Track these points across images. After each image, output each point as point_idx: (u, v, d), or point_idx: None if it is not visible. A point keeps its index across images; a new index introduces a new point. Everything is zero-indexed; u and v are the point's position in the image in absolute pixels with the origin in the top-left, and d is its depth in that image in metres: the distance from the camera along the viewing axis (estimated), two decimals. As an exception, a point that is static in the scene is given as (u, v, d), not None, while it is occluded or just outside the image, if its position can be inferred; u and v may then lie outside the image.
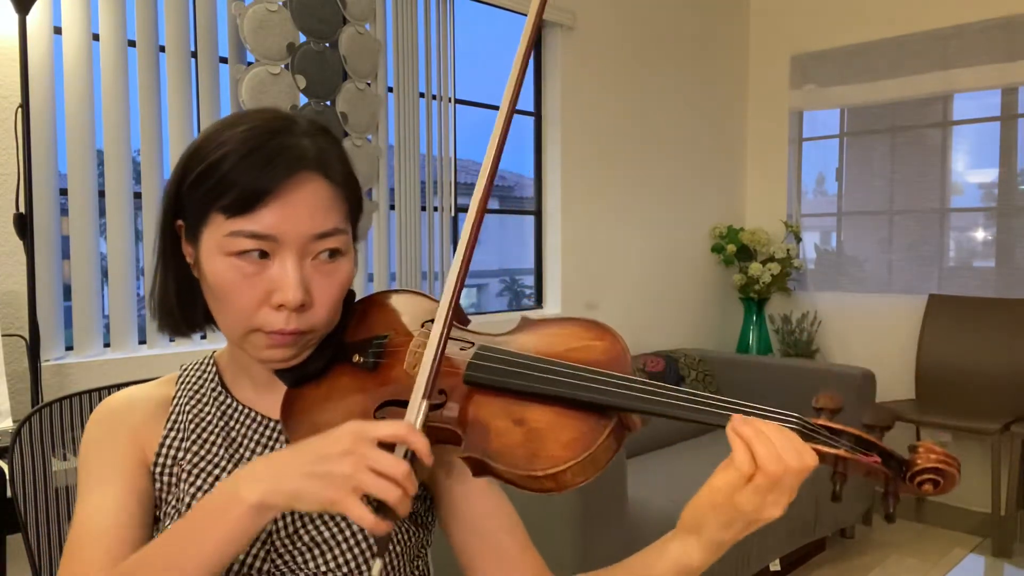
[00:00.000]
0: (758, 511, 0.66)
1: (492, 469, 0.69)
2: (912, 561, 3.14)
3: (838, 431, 0.67)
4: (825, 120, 4.17)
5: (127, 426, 0.84)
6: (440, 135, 2.94)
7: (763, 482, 0.64)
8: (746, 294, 4.09)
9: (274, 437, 0.85)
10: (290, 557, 0.79)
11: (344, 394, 0.80)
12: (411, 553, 0.85)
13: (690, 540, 0.70)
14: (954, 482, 0.65)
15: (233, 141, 0.74)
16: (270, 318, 0.75)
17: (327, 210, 0.76)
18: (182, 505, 0.80)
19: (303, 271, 0.75)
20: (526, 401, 0.72)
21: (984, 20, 3.57)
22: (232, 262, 0.74)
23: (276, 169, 0.73)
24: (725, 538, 0.68)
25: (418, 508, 0.87)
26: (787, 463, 0.64)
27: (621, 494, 2.21)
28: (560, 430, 0.69)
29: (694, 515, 0.69)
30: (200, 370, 0.90)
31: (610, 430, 0.68)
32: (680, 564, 0.70)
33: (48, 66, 2.03)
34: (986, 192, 3.70)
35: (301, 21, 2.44)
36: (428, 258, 2.91)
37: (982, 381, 3.46)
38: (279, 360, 0.79)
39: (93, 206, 2.15)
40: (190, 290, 0.82)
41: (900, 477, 0.66)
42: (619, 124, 3.66)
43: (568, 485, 0.68)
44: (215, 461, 0.83)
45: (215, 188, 0.73)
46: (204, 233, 0.76)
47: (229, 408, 0.86)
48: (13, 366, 1.97)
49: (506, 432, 0.70)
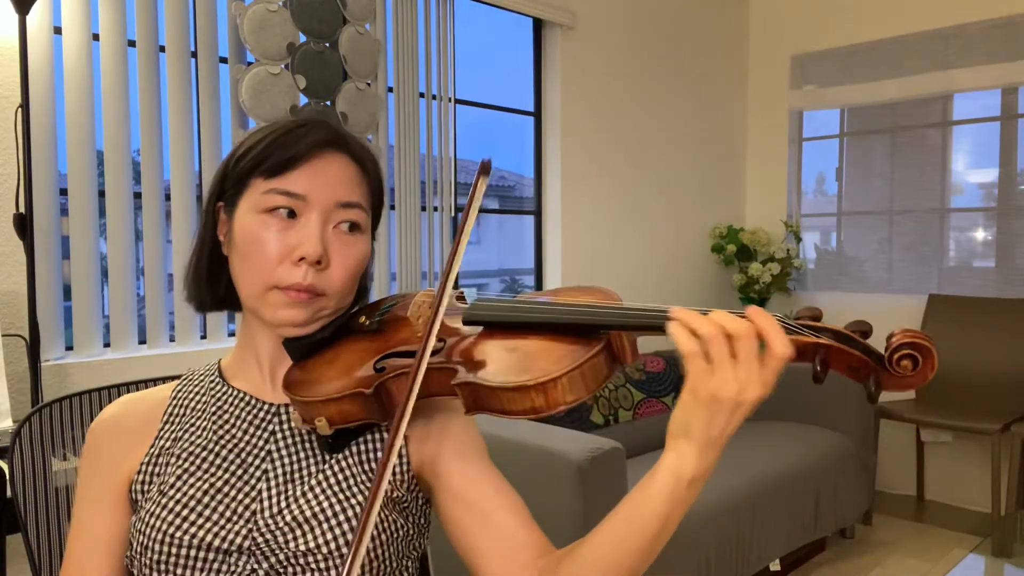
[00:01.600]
0: (737, 393, 0.66)
1: (484, 391, 0.72)
2: (912, 561, 3.14)
3: (818, 328, 0.69)
4: (825, 120, 4.17)
5: (116, 445, 0.90)
6: (440, 135, 2.94)
7: (716, 351, 0.66)
8: (746, 294, 4.09)
9: (266, 418, 0.88)
10: (271, 536, 0.79)
11: (349, 355, 0.85)
12: (399, 549, 0.84)
13: (681, 445, 0.69)
14: (932, 359, 0.66)
15: (274, 127, 0.86)
16: (290, 272, 0.82)
17: (352, 184, 0.86)
18: (166, 486, 0.83)
19: (325, 233, 0.83)
20: (519, 334, 0.77)
21: (984, 20, 3.57)
22: (263, 218, 0.83)
23: (310, 141, 0.84)
24: (713, 433, 0.68)
25: (408, 502, 0.87)
26: (723, 325, 0.66)
27: (621, 494, 2.21)
28: (551, 351, 0.73)
29: (679, 419, 0.70)
30: (203, 371, 0.96)
31: (598, 350, 0.71)
32: (676, 472, 0.69)
33: (48, 66, 2.03)
34: (986, 192, 3.70)
35: (301, 21, 2.44)
36: (428, 258, 2.91)
37: (982, 381, 3.46)
38: (291, 322, 0.84)
39: (93, 206, 2.15)
40: (218, 267, 0.90)
41: (880, 365, 0.68)
42: (619, 124, 3.66)
43: (557, 403, 0.70)
44: (202, 444, 0.86)
45: (256, 157, 0.84)
46: (242, 199, 0.85)
47: (223, 394, 0.91)
48: (13, 366, 1.97)
49: (500, 359, 0.74)
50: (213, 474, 0.83)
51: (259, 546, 0.79)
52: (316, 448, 0.86)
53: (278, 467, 0.84)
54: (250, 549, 0.79)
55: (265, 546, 0.79)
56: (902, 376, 0.68)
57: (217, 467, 0.84)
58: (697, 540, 2.44)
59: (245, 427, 0.87)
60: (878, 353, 0.69)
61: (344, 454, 0.85)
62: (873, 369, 0.69)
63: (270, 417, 0.88)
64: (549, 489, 2.10)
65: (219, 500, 0.81)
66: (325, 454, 0.85)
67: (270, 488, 0.82)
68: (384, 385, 0.79)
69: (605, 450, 2.14)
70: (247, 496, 0.82)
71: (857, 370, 0.69)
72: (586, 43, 3.47)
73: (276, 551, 0.79)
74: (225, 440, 0.86)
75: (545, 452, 2.13)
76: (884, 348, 0.69)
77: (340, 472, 0.84)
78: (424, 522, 0.90)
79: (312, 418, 0.80)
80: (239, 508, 0.81)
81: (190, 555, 0.79)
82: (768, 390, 0.67)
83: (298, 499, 0.81)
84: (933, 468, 3.81)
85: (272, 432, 0.87)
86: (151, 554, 0.79)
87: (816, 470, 2.98)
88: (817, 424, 3.30)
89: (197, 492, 0.82)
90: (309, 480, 0.83)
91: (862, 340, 0.69)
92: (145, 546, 0.80)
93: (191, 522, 0.80)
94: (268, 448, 0.85)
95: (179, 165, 2.30)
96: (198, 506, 0.81)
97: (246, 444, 0.86)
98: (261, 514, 0.80)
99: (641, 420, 3.15)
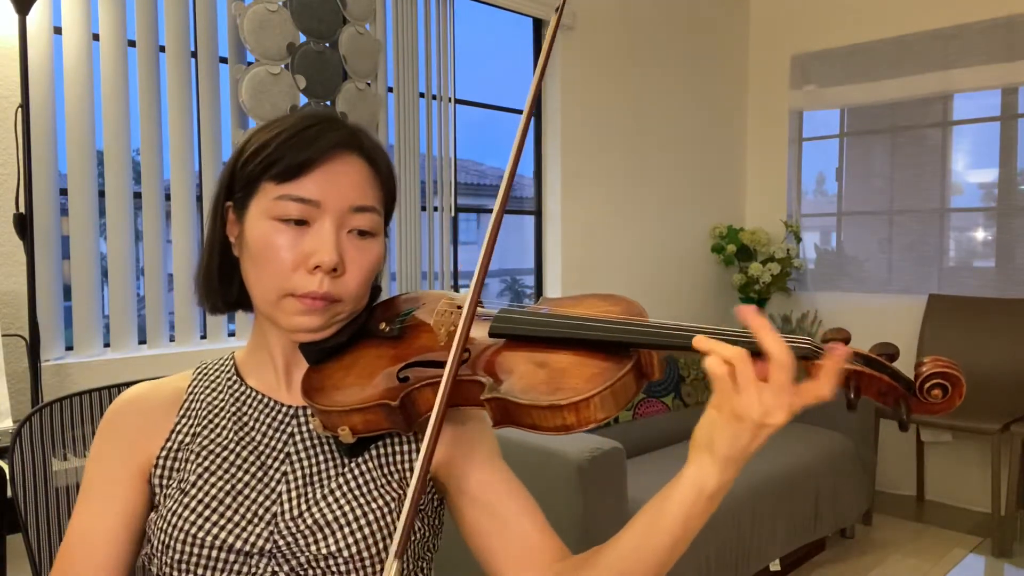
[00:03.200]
0: (763, 416, 0.66)
1: (515, 407, 0.71)
2: (912, 561, 3.14)
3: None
4: (825, 120, 4.17)
5: (134, 426, 0.88)
6: (440, 135, 2.94)
7: (743, 375, 0.65)
8: (746, 294, 4.09)
9: (286, 421, 0.87)
10: (292, 539, 0.79)
11: (368, 360, 0.84)
12: (415, 552, 0.85)
13: (704, 459, 0.70)
14: (961, 388, 0.66)
15: (285, 125, 0.83)
16: (304, 280, 0.80)
17: (365, 187, 0.84)
18: (187, 484, 0.83)
19: (339, 239, 0.82)
20: (547, 348, 0.76)
21: (984, 20, 3.57)
22: (276, 225, 0.81)
23: (323, 143, 0.82)
24: (735, 452, 0.68)
25: (425, 504, 0.87)
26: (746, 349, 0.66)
27: (621, 494, 2.21)
28: (582, 368, 0.72)
29: (703, 433, 0.70)
30: (218, 365, 0.95)
31: (629, 368, 0.71)
32: (697, 485, 0.70)
33: (48, 66, 2.03)
34: (986, 192, 3.70)
35: (301, 21, 2.44)
36: (428, 258, 2.91)
37: (982, 381, 3.46)
38: (307, 329, 0.82)
39: (93, 206, 2.15)
40: (230, 268, 0.88)
41: (910, 392, 0.68)
42: (619, 124, 3.66)
43: (588, 420, 0.70)
44: (223, 443, 0.86)
45: (267, 159, 0.81)
46: (252, 203, 0.83)
47: (242, 395, 0.90)
48: (13, 366, 1.97)
49: (529, 374, 0.74)
50: (234, 475, 0.83)
51: (280, 548, 0.79)
52: (335, 451, 0.85)
53: (297, 470, 0.84)
54: (271, 552, 0.79)
55: (286, 548, 0.79)
56: (931, 404, 0.68)
57: (238, 467, 0.84)
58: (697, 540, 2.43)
59: (264, 429, 0.87)
60: (908, 379, 0.69)
61: (364, 457, 0.85)
62: (903, 395, 0.68)
63: (288, 419, 0.87)
64: (549, 489, 2.10)
65: (240, 502, 0.81)
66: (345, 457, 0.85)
67: (290, 491, 0.82)
68: (409, 396, 0.78)
69: (605, 450, 2.14)
70: (267, 499, 0.82)
71: (886, 395, 0.69)
72: (586, 43, 3.47)
73: (297, 554, 0.79)
74: (245, 441, 0.86)
75: (545, 452, 2.13)
76: (914, 375, 0.68)
77: (361, 476, 0.83)
78: (438, 523, 0.91)
79: (335, 427, 0.80)
80: (259, 510, 0.81)
81: (212, 555, 0.79)
82: (795, 411, 0.67)
83: (319, 502, 0.81)
84: (933, 468, 3.81)
85: (291, 434, 0.86)
86: (172, 553, 0.79)
87: (816, 470, 2.98)
88: (817, 424, 3.30)
89: (219, 493, 0.81)
90: (329, 483, 0.83)
91: (891, 365, 0.69)
92: (167, 544, 0.80)
93: (213, 523, 0.79)
94: (287, 451, 0.85)
95: (179, 165, 2.30)
96: (220, 507, 0.80)
97: (265, 447, 0.86)
98: (282, 516, 0.80)
99: (641, 420, 3.15)
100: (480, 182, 4.35)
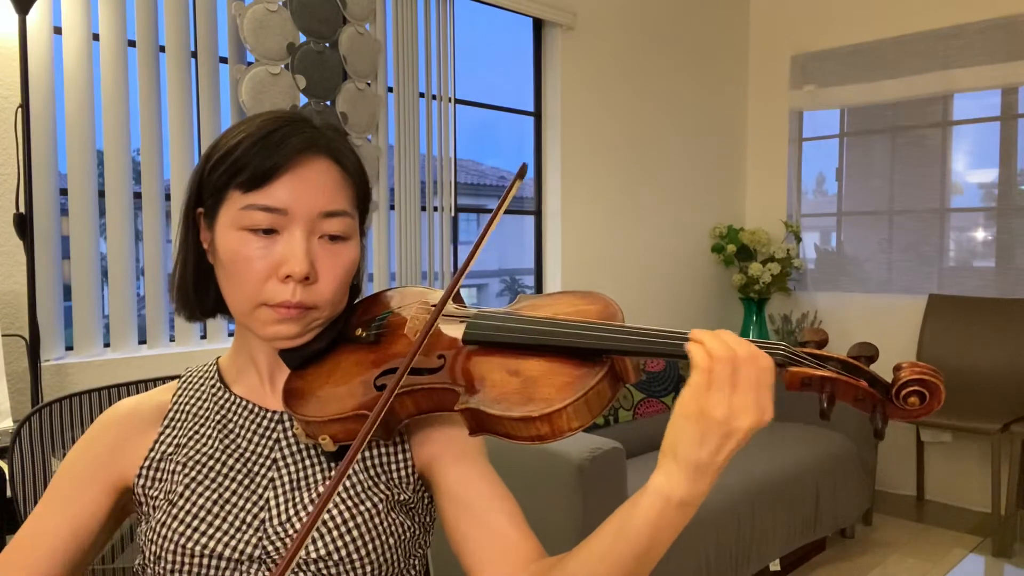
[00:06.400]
0: (728, 419, 0.65)
1: (488, 417, 0.71)
2: (912, 561, 3.14)
3: (824, 357, 0.68)
4: (825, 120, 4.17)
5: (113, 440, 0.88)
6: (440, 135, 2.94)
7: (720, 374, 0.65)
8: (746, 294, 4.09)
9: (270, 427, 0.87)
10: (281, 544, 0.80)
11: (347, 367, 0.83)
12: (406, 550, 0.85)
13: (669, 465, 0.68)
14: (939, 395, 0.65)
15: (250, 129, 0.81)
16: (277, 290, 0.79)
17: (335, 191, 0.82)
18: (174, 495, 0.83)
19: (310, 246, 0.80)
20: (520, 355, 0.75)
21: (984, 20, 3.57)
22: (244, 236, 0.79)
23: (288, 148, 0.79)
24: (702, 456, 0.66)
25: (414, 503, 0.87)
26: (735, 350, 0.66)
27: (621, 494, 2.21)
28: (554, 376, 0.72)
29: (669, 436, 0.69)
30: (201, 372, 0.94)
31: (602, 375, 0.70)
32: (663, 493, 0.68)
33: (48, 66, 2.03)
34: (986, 192, 3.70)
35: (301, 21, 2.44)
36: (428, 258, 2.91)
37: (982, 381, 3.46)
38: (284, 337, 0.82)
39: (93, 206, 2.15)
40: (205, 276, 0.87)
41: (887, 398, 0.67)
42: (619, 124, 3.66)
43: (562, 430, 0.69)
44: (209, 452, 0.86)
45: (232, 167, 0.79)
46: (221, 211, 0.81)
47: (226, 402, 0.89)
48: (13, 366, 1.97)
49: (502, 383, 0.73)
50: (220, 483, 0.83)
51: (269, 554, 0.80)
52: (321, 456, 0.85)
53: (284, 475, 0.84)
54: (260, 558, 0.79)
55: (275, 554, 0.79)
56: (908, 411, 0.66)
57: (224, 476, 0.84)
58: (697, 540, 2.44)
59: (249, 436, 0.87)
60: (884, 384, 0.67)
61: None
62: (879, 401, 0.67)
63: (273, 425, 0.87)
64: (549, 489, 2.10)
65: (227, 510, 0.81)
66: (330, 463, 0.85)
67: (277, 496, 0.82)
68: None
69: (605, 450, 2.14)
70: (255, 505, 0.82)
71: (863, 401, 0.67)
72: (586, 43, 3.47)
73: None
74: (231, 449, 0.86)
75: (545, 452, 2.13)
76: (891, 380, 0.67)
77: (347, 479, 0.84)
78: (429, 520, 0.91)
79: (316, 435, 0.80)
80: (247, 517, 0.81)
81: (202, 564, 0.79)
82: (765, 416, 0.66)
83: (306, 507, 0.81)
84: (933, 468, 3.81)
85: (276, 440, 0.86)
86: (164, 563, 0.80)
87: (816, 470, 2.98)
88: (817, 424, 3.30)
89: (206, 502, 0.82)
90: (316, 488, 0.83)
91: (869, 370, 0.67)
92: (158, 555, 0.80)
93: (201, 532, 0.80)
94: (273, 456, 0.85)
95: (179, 165, 2.30)
96: (208, 516, 0.81)
97: (251, 453, 0.86)
98: (270, 522, 0.81)
99: (641, 420, 3.15)
100: (480, 182, 4.35)
